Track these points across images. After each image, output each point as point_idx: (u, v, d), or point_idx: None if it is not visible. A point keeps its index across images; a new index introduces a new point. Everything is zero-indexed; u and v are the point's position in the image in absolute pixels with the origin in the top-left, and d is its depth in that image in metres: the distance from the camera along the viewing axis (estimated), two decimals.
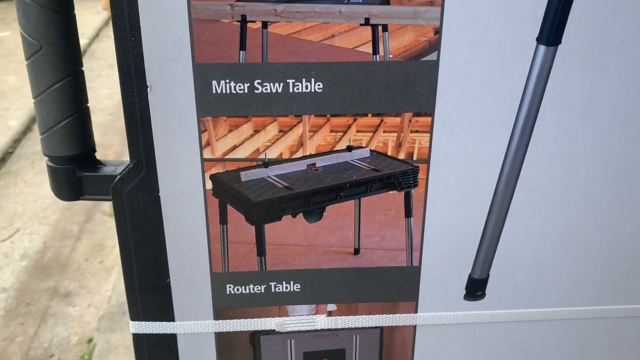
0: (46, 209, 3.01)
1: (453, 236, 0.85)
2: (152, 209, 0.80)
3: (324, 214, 0.82)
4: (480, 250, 0.86)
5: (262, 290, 0.87)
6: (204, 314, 0.88)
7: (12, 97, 4.18)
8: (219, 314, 0.88)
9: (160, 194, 0.78)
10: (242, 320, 0.89)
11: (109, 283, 2.46)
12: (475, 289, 0.89)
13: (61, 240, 2.75)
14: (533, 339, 0.94)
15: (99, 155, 0.87)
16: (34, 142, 3.67)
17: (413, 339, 0.93)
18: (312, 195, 0.80)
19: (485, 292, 0.90)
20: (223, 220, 0.81)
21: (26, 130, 3.81)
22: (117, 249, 2.71)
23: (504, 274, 0.89)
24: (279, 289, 0.87)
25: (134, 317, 0.88)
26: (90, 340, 2.15)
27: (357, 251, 0.85)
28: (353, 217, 0.83)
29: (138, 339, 0.90)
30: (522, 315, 0.91)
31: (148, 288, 0.86)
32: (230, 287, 0.86)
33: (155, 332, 0.89)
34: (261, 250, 0.84)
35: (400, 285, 0.88)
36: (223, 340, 0.91)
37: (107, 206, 3.03)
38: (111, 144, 3.57)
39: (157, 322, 0.88)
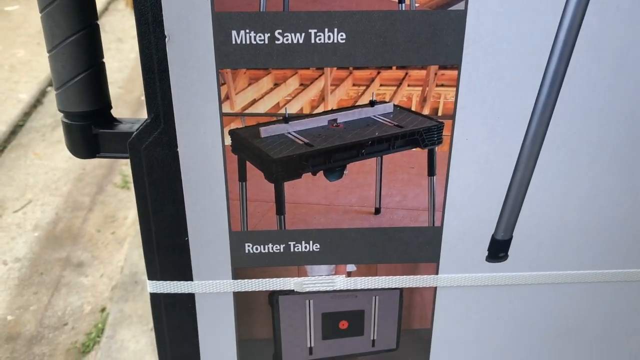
0: (57, 180, 3.01)
1: (477, 196, 0.83)
2: (170, 166, 0.78)
3: (344, 172, 0.80)
4: (504, 211, 0.84)
5: (281, 250, 0.86)
6: (223, 274, 0.87)
7: (22, 71, 4.16)
8: (237, 274, 0.87)
9: (178, 149, 0.77)
10: (260, 280, 0.88)
11: (121, 254, 2.47)
12: (498, 250, 0.87)
13: (73, 212, 2.76)
14: (556, 302, 0.93)
15: None
16: (44, 115, 3.67)
17: (433, 300, 0.92)
18: (333, 153, 0.78)
19: (508, 253, 0.88)
20: (242, 177, 0.79)
21: (36, 103, 3.80)
22: (128, 221, 2.71)
23: (527, 235, 0.87)
24: (298, 249, 0.86)
25: (152, 276, 0.87)
26: (103, 310, 2.16)
27: (377, 211, 0.84)
28: (374, 176, 0.81)
29: (155, 298, 0.89)
30: (545, 277, 0.90)
31: (166, 247, 0.85)
32: (249, 246, 0.85)
33: (173, 292, 0.88)
34: (280, 209, 0.82)
35: (421, 246, 0.86)
36: (241, 300, 0.90)
37: (119, 178, 3.03)
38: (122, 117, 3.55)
39: (174, 282, 0.87)
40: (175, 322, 0.92)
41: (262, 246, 0.85)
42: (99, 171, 3.10)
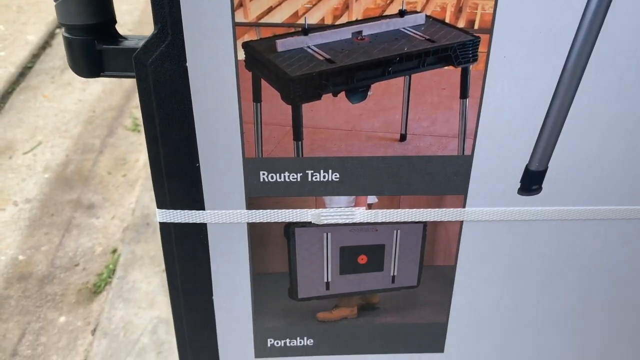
0: (67, 122, 2.96)
1: (512, 122, 0.76)
2: (178, 82, 0.72)
3: (368, 93, 0.74)
4: (541, 139, 0.78)
5: (298, 179, 0.80)
6: (236, 203, 0.82)
7: (30, 12, 4.07)
8: (251, 204, 0.82)
9: (187, 64, 0.70)
10: (276, 210, 0.83)
11: (132, 196, 2.44)
12: (531, 182, 0.81)
13: (83, 154, 2.72)
14: (589, 240, 0.87)
15: None
16: (53, 57, 3.59)
17: (459, 236, 0.86)
18: (356, 71, 0.71)
19: (542, 186, 0.82)
20: (257, 97, 0.73)
21: (45, 45, 3.72)
22: (140, 164, 2.67)
23: (564, 167, 0.80)
24: (316, 178, 0.80)
25: (161, 204, 0.82)
26: (114, 251, 2.15)
27: (403, 137, 0.77)
28: (401, 98, 0.74)
29: (165, 228, 0.85)
30: (580, 213, 0.84)
31: (176, 173, 0.79)
32: (263, 174, 0.79)
33: (183, 222, 0.83)
34: (298, 134, 0.76)
35: (448, 177, 0.80)
36: (256, 232, 0.85)
37: (129, 121, 2.98)
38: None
39: (185, 211, 0.83)
40: (186, 254, 0.87)
41: (277, 174, 0.80)
42: (109, 114, 3.04)
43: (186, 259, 0.88)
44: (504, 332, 0.97)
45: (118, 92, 3.21)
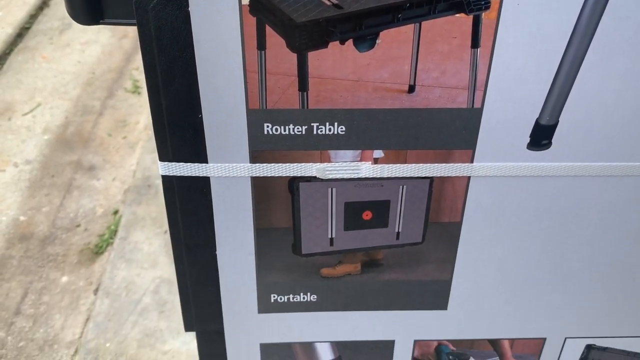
0: (67, 84, 2.93)
1: (524, 73, 0.74)
2: (180, 29, 0.69)
3: (377, 42, 0.71)
4: (552, 91, 0.76)
5: (303, 132, 0.78)
6: (240, 157, 0.80)
7: None
8: (255, 157, 0.80)
9: (189, 8, 0.68)
10: (280, 164, 0.81)
11: (133, 158, 2.42)
12: (542, 136, 0.80)
13: (83, 116, 2.70)
14: (598, 197, 0.86)
15: None
16: (51, 18, 3.53)
17: (465, 192, 0.85)
18: (365, 17, 0.69)
19: (552, 141, 0.80)
20: (261, 45, 0.71)
21: (42, 5, 3.66)
22: (140, 126, 2.65)
23: (575, 121, 0.78)
24: (321, 131, 0.78)
25: (163, 157, 0.81)
26: (116, 212, 2.14)
27: (411, 89, 0.75)
28: (410, 47, 0.72)
29: (168, 182, 0.83)
30: (590, 169, 0.82)
31: (178, 125, 0.78)
32: (268, 126, 0.78)
33: (186, 175, 0.82)
34: (303, 85, 0.74)
35: (457, 131, 0.79)
36: (260, 186, 0.84)
37: (129, 83, 2.94)
38: None
39: (188, 164, 0.81)
40: (189, 209, 0.86)
41: (282, 127, 0.78)
42: (108, 75, 3.01)
43: (189, 213, 0.87)
44: (508, 291, 0.96)
45: (118, 54, 3.17)
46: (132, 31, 3.36)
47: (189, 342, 1.63)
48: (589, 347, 1.06)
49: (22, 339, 1.70)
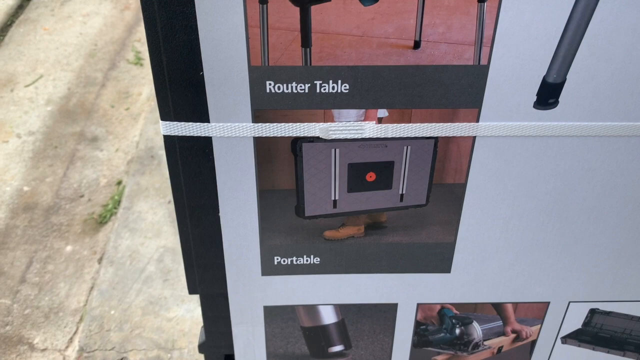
0: (69, 56, 2.91)
1: (531, 28, 0.72)
2: None
3: None
4: (560, 48, 0.74)
5: (306, 90, 0.77)
6: (242, 116, 0.79)
7: None
8: (257, 117, 0.79)
9: None
10: (283, 124, 0.80)
11: (136, 129, 2.41)
12: (548, 95, 0.78)
13: (85, 87, 2.68)
14: (605, 158, 0.84)
15: None
16: None
17: (470, 152, 0.84)
18: None
19: (559, 100, 0.79)
20: None
21: None
22: (143, 97, 2.63)
23: (582, 80, 0.77)
24: (325, 89, 0.77)
25: (165, 116, 0.80)
26: (119, 183, 2.14)
27: (417, 44, 0.74)
28: (415, 0, 0.70)
29: (169, 142, 0.83)
30: (597, 129, 0.81)
31: (179, 82, 0.77)
32: (270, 84, 0.76)
33: (188, 135, 0.81)
34: (306, 40, 0.73)
35: (463, 89, 0.77)
36: (262, 147, 0.83)
37: (132, 55, 2.92)
38: None
39: (190, 123, 0.80)
40: (191, 169, 0.86)
41: (284, 85, 0.77)
42: (111, 47, 2.98)
43: (191, 174, 0.86)
44: (512, 254, 0.96)
45: (120, 26, 3.14)
46: (133, 2, 3.33)
47: (193, 310, 1.64)
48: (592, 311, 1.06)
49: (28, 306, 1.71)
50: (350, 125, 0.81)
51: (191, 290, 1.03)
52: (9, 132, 2.41)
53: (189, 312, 1.64)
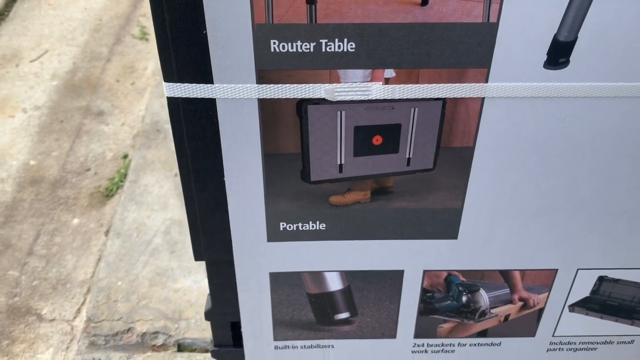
0: (73, 31, 2.89)
1: None
2: None
3: None
4: (571, 5, 0.72)
5: (311, 50, 0.76)
6: (246, 77, 0.78)
7: None
8: (262, 77, 0.78)
9: None
10: (288, 85, 0.79)
11: (141, 103, 2.40)
12: (559, 54, 0.76)
13: (91, 62, 2.67)
14: (615, 120, 0.83)
15: None
16: None
17: (479, 114, 0.82)
18: None
19: (570, 59, 0.77)
20: None
21: None
22: (148, 72, 2.61)
23: (594, 38, 0.75)
24: (330, 49, 0.76)
25: (168, 78, 0.79)
26: (125, 156, 2.14)
27: (425, 1, 0.72)
28: None
29: (173, 104, 0.82)
30: (609, 89, 0.79)
31: (182, 42, 0.75)
32: (274, 43, 0.75)
33: (191, 96, 0.80)
34: None
35: (472, 47, 0.76)
36: (267, 110, 0.82)
37: (137, 30, 2.90)
38: None
39: (193, 84, 0.79)
40: (195, 133, 0.85)
41: (289, 44, 0.75)
42: (116, 22, 2.96)
43: (196, 137, 0.85)
44: (520, 219, 0.95)
45: (124, 1, 3.11)
46: None
47: (200, 281, 1.65)
48: (601, 279, 1.05)
49: (36, 278, 1.72)
50: (357, 86, 0.79)
51: (197, 257, 1.02)
52: (15, 106, 2.40)
53: (196, 284, 1.65)
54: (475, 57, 0.76)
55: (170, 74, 0.79)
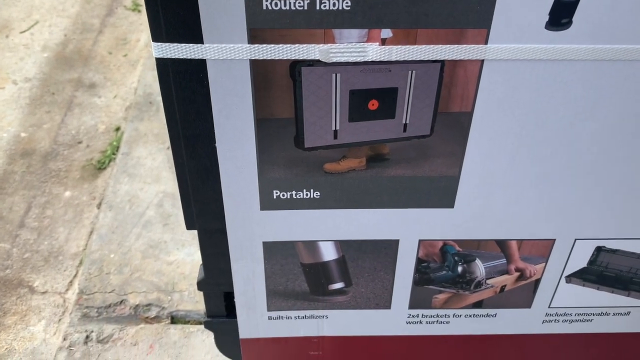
0: (64, 2, 2.83)
1: None
2: None
3: None
4: None
5: (305, 7, 0.73)
6: (237, 36, 0.75)
7: None
8: (254, 37, 0.75)
9: None
10: (281, 45, 0.76)
11: (134, 75, 2.36)
12: (562, 14, 0.74)
13: (82, 33, 2.62)
14: (618, 84, 0.81)
15: None
16: None
17: (478, 78, 0.80)
18: None
19: (572, 19, 0.74)
20: None
21: None
22: (141, 43, 2.57)
23: None
24: (325, 6, 0.73)
25: (156, 37, 0.76)
26: (117, 129, 2.11)
27: None
28: None
29: (162, 65, 0.79)
30: (613, 52, 0.77)
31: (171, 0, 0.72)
32: (267, 0, 0.72)
33: (181, 57, 0.77)
34: None
35: (471, 7, 0.73)
36: (259, 72, 0.79)
37: (129, 1, 2.84)
38: None
39: (183, 44, 0.76)
40: (185, 95, 0.82)
41: (282, 1, 0.72)
42: None
43: (186, 101, 0.83)
44: (518, 187, 0.93)
45: None
46: None
47: (194, 253, 1.63)
48: (598, 249, 1.03)
49: (27, 250, 1.71)
50: (352, 47, 0.77)
51: (189, 226, 1.00)
52: (5, 78, 2.36)
53: (189, 256, 1.63)
54: (474, 17, 0.74)
55: (159, 33, 0.76)
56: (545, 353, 1.25)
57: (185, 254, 1.64)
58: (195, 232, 1.33)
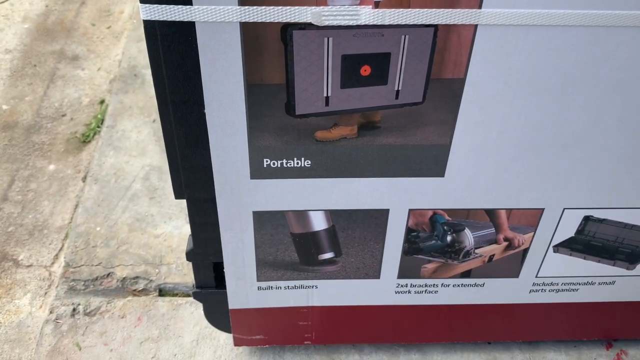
0: None
1: None
2: None
3: None
4: None
5: None
6: None
7: None
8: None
9: None
10: (272, 7, 0.75)
11: (118, 48, 2.32)
12: None
13: (64, 4, 2.55)
14: (612, 51, 0.80)
15: None
16: None
17: (471, 43, 0.79)
18: None
19: None
20: None
21: None
22: (125, 15, 2.51)
23: None
24: None
25: None
26: (102, 102, 2.07)
27: None
28: None
29: (150, 27, 0.77)
30: (608, 17, 0.76)
31: None
32: None
33: (169, 19, 0.75)
34: None
35: None
36: (250, 36, 0.78)
37: None
38: None
39: (171, 5, 0.74)
40: (174, 59, 0.80)
41: None
42: None
43: (174, 65, 0.81)
44: (508, 156, 0.93)
45: None
46: None
47: (181, 227, 1.62)
48: (586, 219, 1.04)
49: (11, 224, 1.68)
50: (345, 10, 0.75)
51: (177, 195, 0.99)
52: None
53: (177, 229, 1.62)
54: None
55: None
56: (532, 322, 1.27)
57: (173, 227, 1.62)
58: (182, 204, 1.32)
